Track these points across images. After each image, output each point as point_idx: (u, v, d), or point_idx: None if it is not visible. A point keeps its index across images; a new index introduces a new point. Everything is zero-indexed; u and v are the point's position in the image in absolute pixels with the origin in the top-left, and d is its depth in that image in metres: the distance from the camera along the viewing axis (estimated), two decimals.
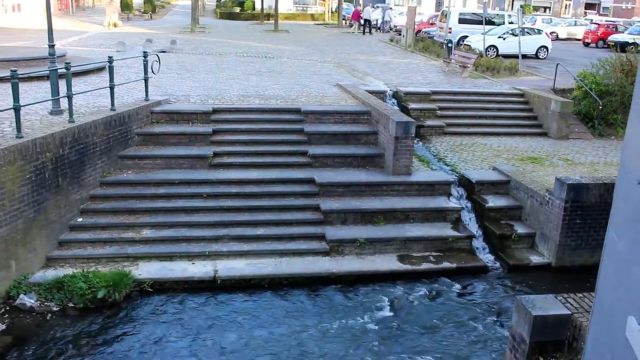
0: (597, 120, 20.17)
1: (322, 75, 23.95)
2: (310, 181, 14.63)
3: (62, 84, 13.22)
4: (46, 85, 14.93)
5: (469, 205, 14.82)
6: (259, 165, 15.16)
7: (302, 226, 13.61)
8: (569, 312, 6.91)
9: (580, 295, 7.55)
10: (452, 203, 14.59)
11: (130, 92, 17.15)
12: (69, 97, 12.81)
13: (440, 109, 20.21)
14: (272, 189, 14.36)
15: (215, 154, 15.18)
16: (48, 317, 10.60)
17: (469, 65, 25.86)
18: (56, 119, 13.10)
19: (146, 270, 11.94)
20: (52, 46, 13.45)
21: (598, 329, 5.39)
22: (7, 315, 10.56)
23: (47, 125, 12.47)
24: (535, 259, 13.41)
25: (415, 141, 15.95)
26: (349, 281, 12.22)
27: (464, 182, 15.30)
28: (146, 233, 12.95)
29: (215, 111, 16.52)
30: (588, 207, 12.77)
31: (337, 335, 10.33)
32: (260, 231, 13.28)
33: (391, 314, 11.14)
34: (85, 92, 15.37)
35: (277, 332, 10.41)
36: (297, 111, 17.06)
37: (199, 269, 12.11)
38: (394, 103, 19.99)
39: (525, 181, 14.59)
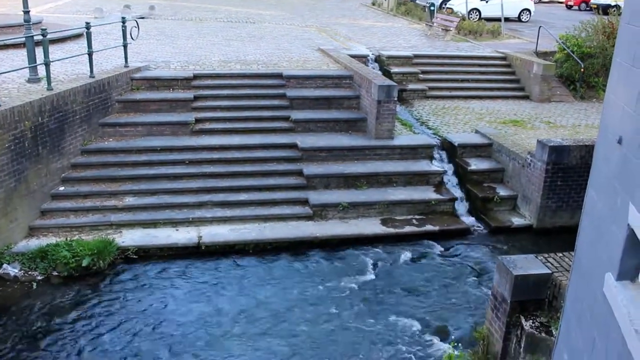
0: (578, 83, 20.23)
1: (304, 39, 23.72)
2: (293, 146, 14.60)
3: (39, 52, 12.98)
4: (22, 53, 14.65)
5: (452, 168, 14.91)
6: (241, 131, 15.09)
7: (285, 191, 13.62)
8: (549, 272, 7.01)
9: (560, 254, 7.65)
10: (435, 166, 14.65)
11: (109, 59, 16.89)
12: (47, 65, 12.60)
13: (423, 72, 20.16)
14: (255, 155, 14.32)
15: (197, 120, 15.08)
16: (32, 286, 10.58)
17: (451, 29, 25.73)
18: (34, 87, 12.89)
19: (130, 238, 11.92)
20: (27, 12, 13.13)
21: (577, 286, 5.47)
22: None
23: (25, 94, 12.27)
24: (516, 221, 13.55)
25: (397, 105, 15.91)
26: (333, 245, 12.31)
27: (447, 146, 15.35)
28: (129, 200, 12.90)
29: (196, 77, 16.36)
30: (569, 169, 12.88)
31: (321, 298, 10.43)
32: (244, 197, 13.28)
33: (375, 276, 11.25)
34: (63, 59, 15.11)
35: (262, 296, 10.48)
36: (279, 76, 16.93)
37: (183, 236, 12.12)
38: (376, 67, 19.90)
39: (507, 144, 14.67)
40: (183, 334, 9.35)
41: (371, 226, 12.96)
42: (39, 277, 10.81)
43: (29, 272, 10.88)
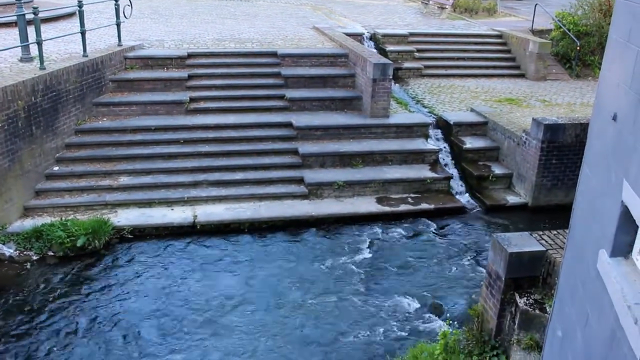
0: (574, 61, 20.15)
1: (299, 17, 23.54)
2: (288, 125, 14.56)
3: (31, 31, 12.86)
4: (14, 32, 14.51)
5: (447, 146, 14.90)
6: (236, 110, 15.03)
7: (280, 170, 13.61)
8: (543, 249, 7.03)
9: (555, 232, 7.67)
10: (430, 145, 14.64)
11: (102, 37, 16.76)
12: (39, 44, 12.49)
13: (418, 51, 20.05)
14: (250, 134, 14.28)
15: (192, 99, 15.01)
16: (28, 266, 10.59)
17: (447, 7, 25.58)
18: (27, 67, 12.79)
19: (125, 217, 11.91)
20: None
21: (571, 263, 5.49)
22: None
23: (18, 73, 12.17)
24: (511, 199, 13.58)
25: (392, 83, 15.85)
26: (328, 224, 12.33)
27: (442, 124, 15.32)
28: (124, 180, 12.87)
29: (190, 56, 16.25)
30: (564, 147, 12.89)
31: (317, 276, 10.47)
32: (239, 176, 13.26)
33: (370, 254, 11.29)
34: (56, 38, 14.99)
35: (257, 274, 10.51)
36: (273, 54, 16.83)
37: (178, 215, 12.12)
38: (371, 45, 19.77)
39: (502, 122, 14.65)
40: (179, 312, 9.38)
41: (367, 205, 12.97)
42: (35, 257, 10.81)
43: (25, 252, 10.88)
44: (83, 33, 14.05)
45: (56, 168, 12.85)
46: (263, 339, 8.80)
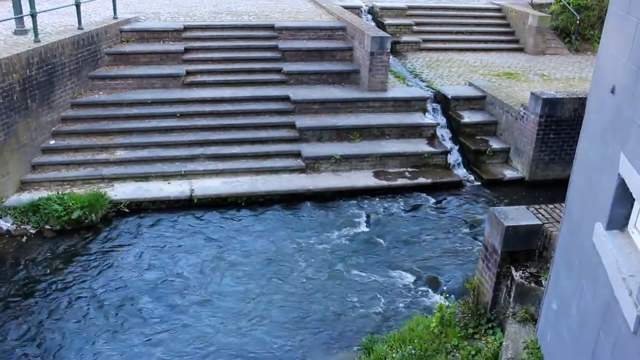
0: (574, 36, 20.02)
1: None
2: (285, 99, 14.49)
3: (25, 3, 12.72)
4: (8, 5, 14.37)
5: (445, 121, 14.84)
6: (232, 83, 14.95)
7: (277, 144, 13.57)
8: (539, 223, 7.03)
9: (551, 206, 7.67)
10: (428, 119, 14.58)
11: (98, 10, 16.60)
12: (33, 16, 12.34)
13: (417, 24, 19.90)
14: (247, 107, 14.22)
15: (188, 73, 14.92)
16: (25, 240, 10.59)
17: None
18: (21, 39, 12.67)
19: (122, 191, 11.89)
20: None
21: (567, 236, 5.51)
22: None
23: (12, 46, 12.06)
24: (509, 174, 13.57)
25: (390, 57, 15.75)
26: (326, 197, 12.33)
27: (440, 98, 15.26)
28: (120, 154, 12.83)
29: (186, 29, 16.11)
30: (562, 122, 12.84)
31: (314, 249, 10.49)
32: (236, 149, 13.23)
33: (367, 228, 11.30)
34: (50, 10, 14.82)
35: (255, 247, 10.53)
36: (270, 27, 16.69)
37: (175, 189, 12.10)
38: (369, 19, 19.62)
39: (500, 96, 14.59)
40: (176, 284, 9.41)
41: (364, 179, 12.96)
42: (32, 231, 10.81)
43: (22, 226, 10.88)
44: (78, 5, 13.90)
45: (52, 142, 12.80)
46: (259, 310, 8.84)
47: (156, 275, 9.68)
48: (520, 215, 7.15)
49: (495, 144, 14.12)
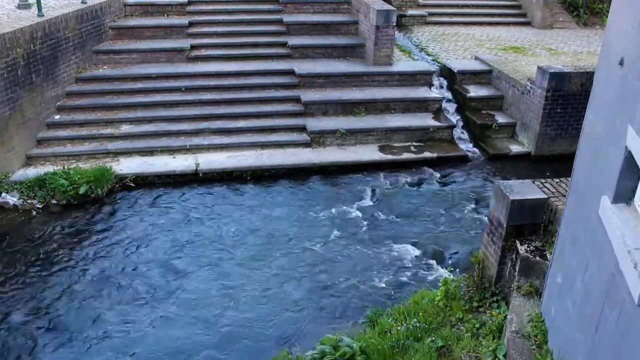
0: (582, 9, 19.79)
1: None
2: (290, 72, 14.43)
3: None
4: None
5: (451, 95, 14.77)
6: (237, 57, 14.88)
7: (282, 118, 13.54)
8: (545, 197, 7.01)
9: (557, 180, 7.64)
10: (434, 93, 14.50)
11: None
12: None
13: None
14: (252, 81, 14.16)
15: (193, 47, 14.85)
16: (32, 215, 10.64)
17: None
18: (24, 14, 12.59)
19: (127, 166, 11.91)
20: None
21: (572, 209, 5.50)
22: None
23: (16, 20, 11.99)
24: (515, 148, 13.51)
25: (396, 31, 15.63)
26: (331, 171, 12.33)
27: (446, 72, 15.16)
28: (125, 128, 12.82)
29: (190, 2, 16.00)
30: (569, 96, 12.75)
31: (320, 223, 10.52)
32: (241, 124, 13.20)
33: (372, 202, 11.31)
34: None
35: (260, 220, 10.57)
36: (275, 1, 16.55)
37: (180, 163, 12.11)
38: None
39: (507, 70, 14.48)
40: (183, 258, 9.47)
41: (369, 153, 12.94)
42: (38, 206, 10.86)
43: (28, 201, 10.92)
44: None
45: (57, 117, 12.79)
46: (264, 283, 8.90)
47: (162, 248, 9.73)
48: (526, 189, 7.13)
49: (501, 119, 14.04)
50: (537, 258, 6.74)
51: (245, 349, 7.62)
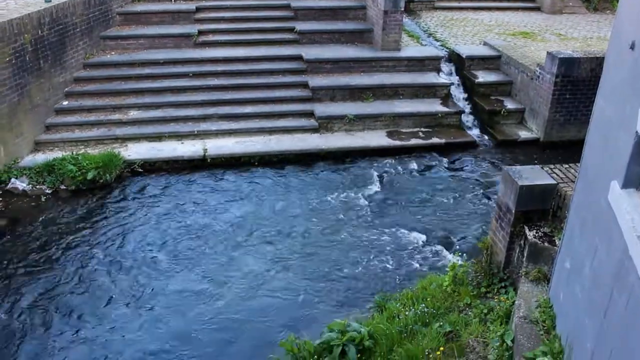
0: None
1: None
2: (298, 58, 14.39)
3: None
4: None
5: (459, 81, 14.70)
6: (245, 43, 14.85)
7: (290, 103, 13.52)
8: (554, 182, 6.98)
9: (566, 166, 7.61)
10: (442, 79, 14.44)
11: None
12: None
13: None
14: (260, 67, 14.13)
15: (200, 32, 14.82)
16: (41, 200, 10.70)
17: None
18: None
19: (135, 151, 11.93)
20: None
21: (581, 194, 5.47)
22: (0, 199, 10.63)
23: (23, 6, 11.98)
24: (523, 134, 13.45)
25: (404, 16, 15.54)
26: (339, 157, 12.33)
27: (454, 58, 15.08)
28: (133, 114, 12.84)
29: None
30: (579, 82, 12.66)
31: (328, 208, 10.52)
32: (249, 109, 13.20)
33: (380, 188, 11.31)
34: None
35: (268, 206, 10.59)
36: None
37: (188, 148, 12.12)
38: None
39: (516, 56, 14.39)
40: (191, 242, 9.50)
41: (377, 138, 12.91)
42: (47, 191, 10.91)
43: (37, 186, 10.97)
44: None
45: (65, 102, 12.82)
46: (272, 269, 8.92)
47: (171, 233, 9.77)
48: (535, 175, 7.10)
49: (510, 105, 13.97)
50: (546, 244, 6.72)
51: (253, 335, 7.65)
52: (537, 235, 6.85)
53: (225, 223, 10.07)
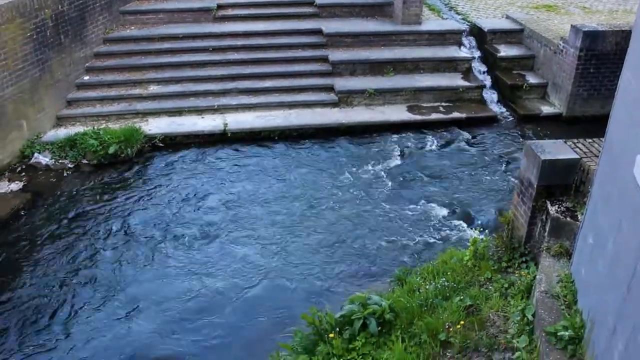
0: None
1: None
2: (318, 32, 14.30)
3: None
4: None
5: (480, 55, 14.52)
6: (264, 17, 14.78)
7: (310, 78, 13.48)
8: (577, 157, 6.90)
9: (590, 140, 7.49)
10: (463, 53, 14.29)
11: None
12: None
13: None
14: (279, 41, 14.08)
15: (219, 6, 14.79)
16: (64, 174, 10.82)
17: None
18: None
19: (156, 126, 11.99)
20: None
21: (606, 169, 5.41)
22: (23, 174, 10.79)
23: None
24: (545, 109, 13.29)
25: None
26: (359, 131, 12.30)
27: (476, 31, 14.89)
28: (153, 89, 12.88)
29: None
30: (603, 56, 12.43)
31: (348, 183, 10.53)
32: (269, 84, 13.17)
33: (401, 162, 11.27)
34: None
35: (289, 180, 10.63)
36: None
37: (208, 123, 12.15)
38: None
39: (539, 29, 14.17)
40: (212, 216, 9.57)
41: (397, 113, 12.84)
42: (70, 165, 11.03)
43: (60, 161, 11.09)
44: None
45: (86, 77, 12.88)
46: (293, 242, 8.96)
47: (192, 207, 9.84)
48: (558, 149, 7.02)
49: (532, 79, 13.79)
50: (568, 219, 6.67)
51: (274, 308, 7.71)
52: (559, 210, 6.79)
53: (245, 198, 10.11)
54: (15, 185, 10.42)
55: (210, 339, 7.24)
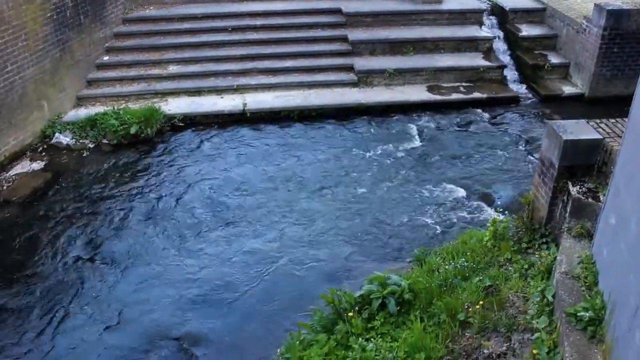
0: None
1: None
2: (337, 11, 14.21)
3: None
4: None
5: (502, 34, 14.36)
6: None
7: (330, 58, 13.42)
8: (600, 137, 6.81)
9: (613, 120, 7.37)
10: (484, 32, 14.13)
11: None
12: None
13: None
14: (299, 20, 14.02)
15: None
16: (84, 154, 10.90)
17: None
18: None
19: (175, 106, 12.03)
20: None
21: (629, 150, 5.33)
22: (44, 154, 10.89)
23: None
24: (568, 89, 13.13)
25: None
26: (378, 111, 12.25)
27: (497, 11, 14.72)
28: (173, 69, 12.91)
29: None
30: (628, 35, 12.22)
31: (369, 163, 10.51)
32: (288, 63, 13.14)
33: (420, 143, 11.22)
34: None
35: (308, 160, 10.63)
36: None
37: (228, 103, 12.17)
38: None
39: (561, 8, 13.96)
40: (232, 196, 9.60)
41: (417, 93, 12.76)
42: (90, 145, 11.11)
43: (80, 141, 11.17)
44: None
45: (106, 58, 12.93)
46: (312, 222, 8.97)
47: (213, 186, 9.90)
48: (580, 129, 6.93)
49: (554, 59, 13.62)
50: (590, 199, 6.60)
51: (294, 287, 7.74)
52: (580, 190, 6.72)
53: (267, 177, 10.13)
54: (37, 165, 10.53)
55: (230, 317, 7.29)
